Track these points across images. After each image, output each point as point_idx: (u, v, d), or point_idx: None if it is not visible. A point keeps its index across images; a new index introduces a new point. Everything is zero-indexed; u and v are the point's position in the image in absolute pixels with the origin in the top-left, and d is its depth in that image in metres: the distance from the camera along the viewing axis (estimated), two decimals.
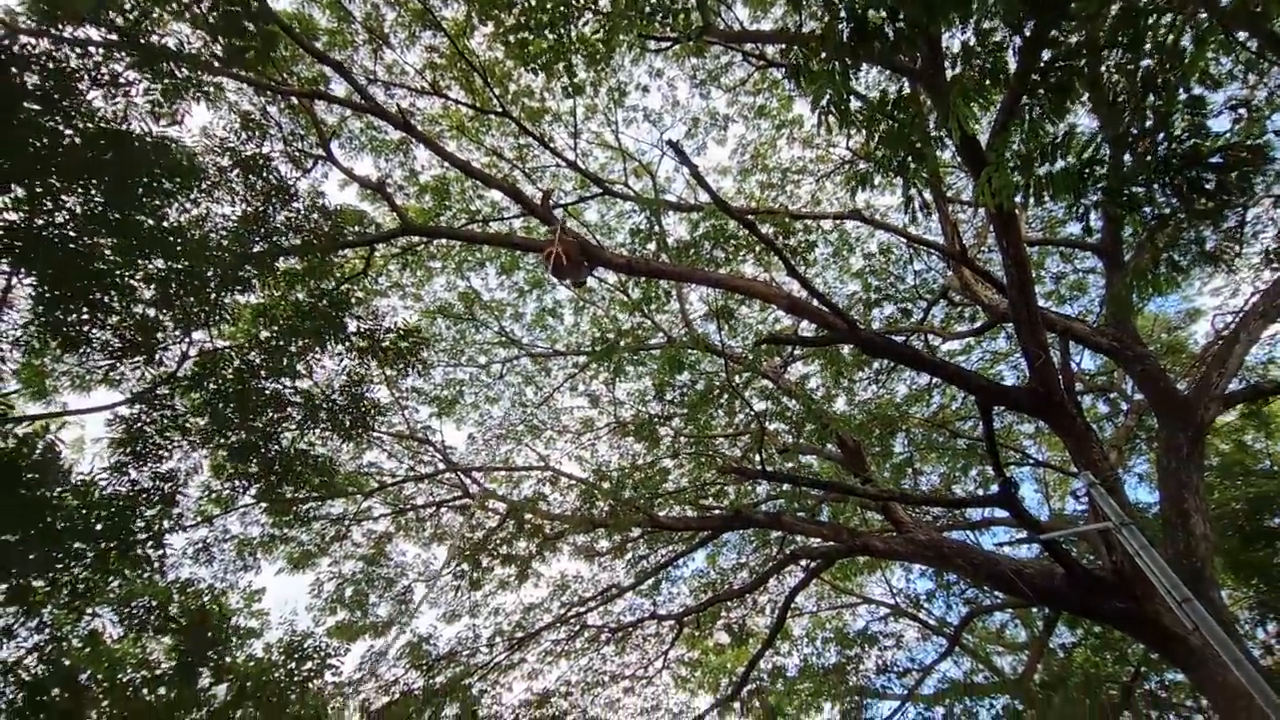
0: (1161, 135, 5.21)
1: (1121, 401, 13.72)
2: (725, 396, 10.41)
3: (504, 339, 12.19)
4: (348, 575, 11.51)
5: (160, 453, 7.39)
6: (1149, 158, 5.31)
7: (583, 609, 12.06)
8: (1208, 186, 5.46)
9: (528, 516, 11.31)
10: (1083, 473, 6.97)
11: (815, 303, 7.86)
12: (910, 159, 5.26)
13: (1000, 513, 11.66)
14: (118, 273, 6.22)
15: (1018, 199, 5.35)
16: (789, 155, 12.06)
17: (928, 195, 8.48)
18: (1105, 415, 13.73)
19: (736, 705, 14.11)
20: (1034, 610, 15.70)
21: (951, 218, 9.69)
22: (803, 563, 11.39)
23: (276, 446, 7.55)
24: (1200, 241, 6.47)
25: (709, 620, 12.97)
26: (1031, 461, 14.24)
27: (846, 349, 10.80)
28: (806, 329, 10.47)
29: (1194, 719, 16.63)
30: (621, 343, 10.35)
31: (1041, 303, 10.33)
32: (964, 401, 13.02)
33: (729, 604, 12.62)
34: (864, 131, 5.52)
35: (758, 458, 9.72)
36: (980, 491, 12.73)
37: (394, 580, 11.88)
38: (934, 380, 12.55)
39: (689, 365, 10.31)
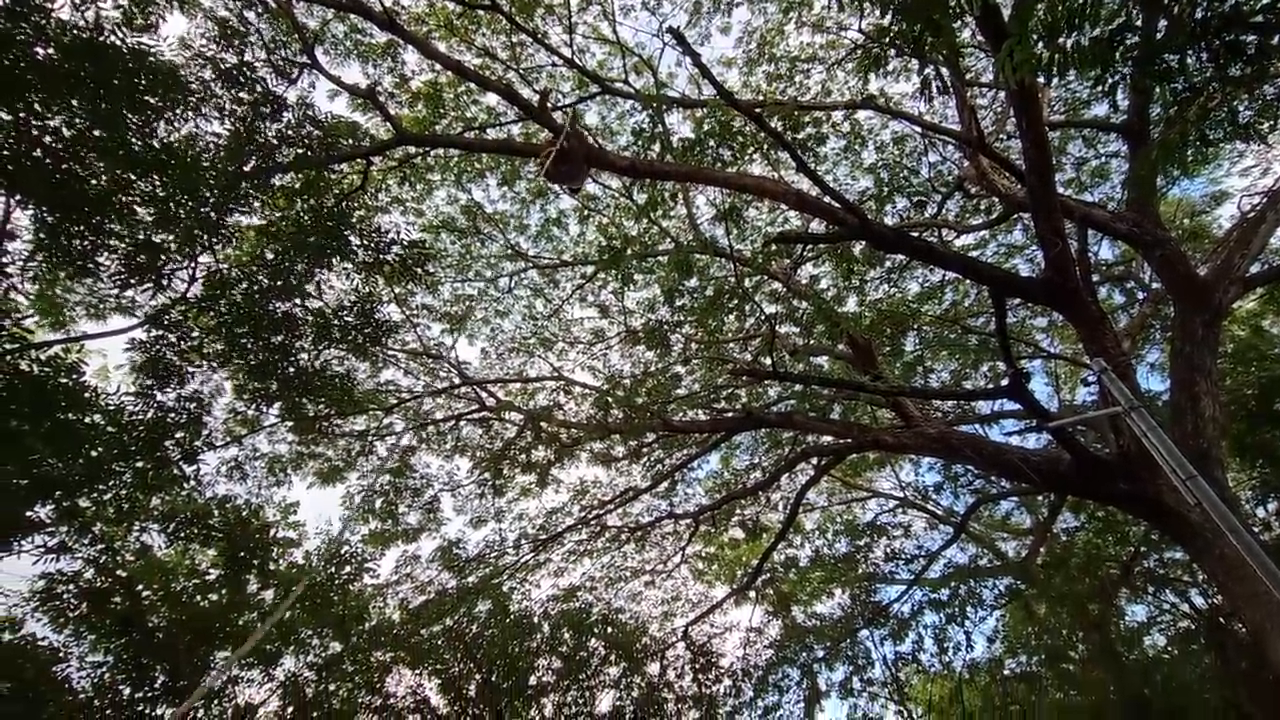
0: None
1: (1138, 290, 13.52)
2: (735, 300, 10.35)
3: (510, 252, 12.06)
4: (376, 488, 12.00)
5: (182, 376, 7.56)
6: (1184, 20, 4.94)
7: (602, 511, 12.59)
8: (1248, 51, 5.11)
9: (544, 425, 11.59)
10: (1094, 359, 6.96)
11: (825, 198, 7.64)
12: (927, 34, 4.94)
13: (1009, 405, 11.80)
14: (114, 195, 6.14)
15: (1040, 74, 5.05)
16: (797, 42, 11.38)
17: (946, 75, 8.02)
18: (1121, 305, 13.57)
19: (751, 594, 14.95)
20: (1039, 498, 16.19)
21: (969, 102, 9.21)
22: (814, 460, 11.72)
23: (294, 365, 7.68)
24: (1234, 114, 6.13)
25: (724, 518, 13.52)
26: (1044, 354, 14.23)
27: (858, 247, 10.60)
28: (817, 227, 10.25)
29: (1189, 592, 17.45)
30: (628, 250, 10.21)
31: (1061, 190, 9.99)
32: (977, 297, 12.89)
33: (743, 502, 13.11)
34: (877, 8, 5.16)
35: (768, 360, 9.79)
36: (990, 386, 12.82)
37: (420, 491, 12.38)
38: (947, 276, 12.38)
39: (697, 270, 10.20)
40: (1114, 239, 11.29)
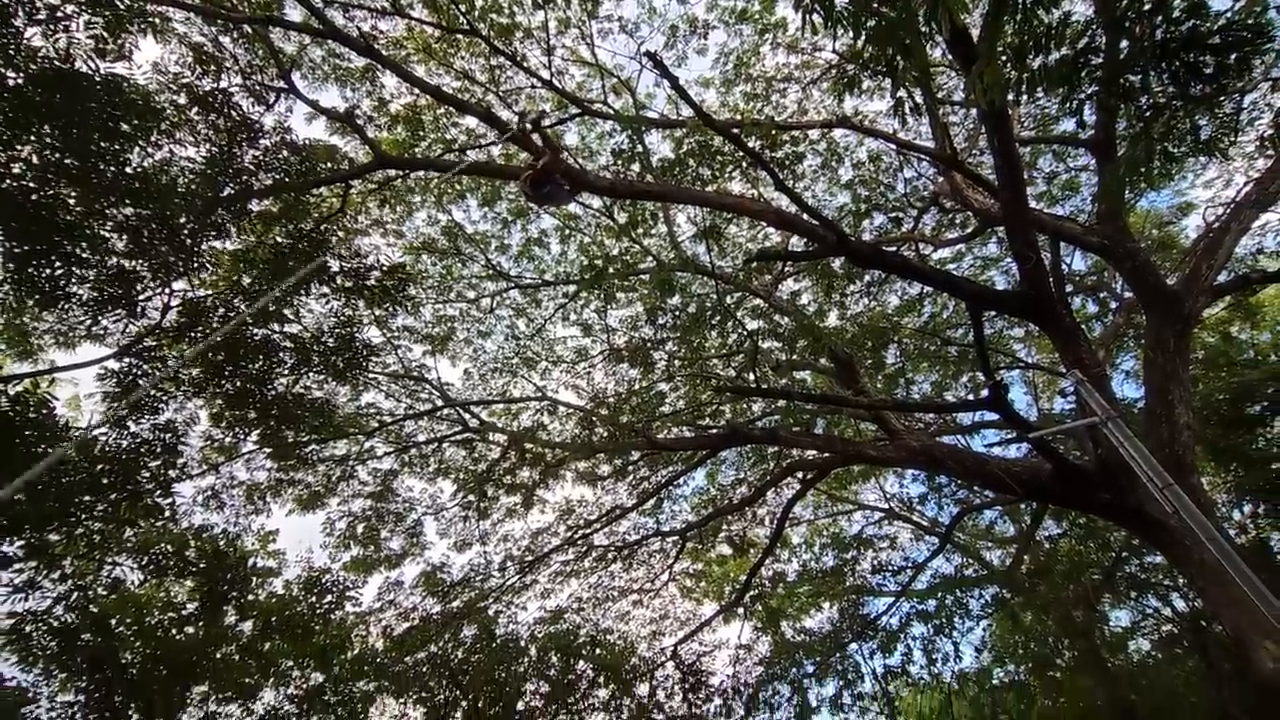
0: (1159, 18, 5.00)
1: (1111, 301, 13.80)
2: (717, 317, 10.41)
3: (491, 272, 12.02)
4: (357, 513, 11.81)
5: (156, 405, 7.41)
6: (1146, 42, 5.11)
7: (589, 530, 12.49)
8: (1206, 71, 5.29)
9: (528, 446, 11.51)
10: (1070, 371, 7.07)
11: (804, 216, 7.73)
12: (899, 56, 5.05)
13: (990, 416, 11.94)
14: (86, 223, 6.04)
15: (1010, 94, 5.17)
16: (773, 63, 11.56)
17: (918, 96, 8.19)
18: (1094, 315, 13.84)
19: (740, 610, 14.88)
20: (1022, 507, 16.35)
21: (942, 120, 9.41)
22: (799, 474, 11.74)
23: (272, 390, 7.57)
24: (1195, 130, 6.32)
25: (711, 534, 13.48)
26: (1021, 365, 14.46)
27: (837, 262, 10.73)
28: (797, 244, 10.36)
29: (1171, 596, 17.67)
30: (610, 269, 10.24)
31: (1033, 203, 10.20)
32: (955, 309, 13.08)
33: (729, 518, 13.08)
34: (850, 30, 5.27)
35: (752, 376, 9.83)
36: (971, 396, 12.98)
37: (403, 515, 12.21)
38: (925, 290, 12.56)
39: (679, 288, 10.25)
40: (1086, 251, 11.54)
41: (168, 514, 8.00)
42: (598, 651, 14.25)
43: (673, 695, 14.30)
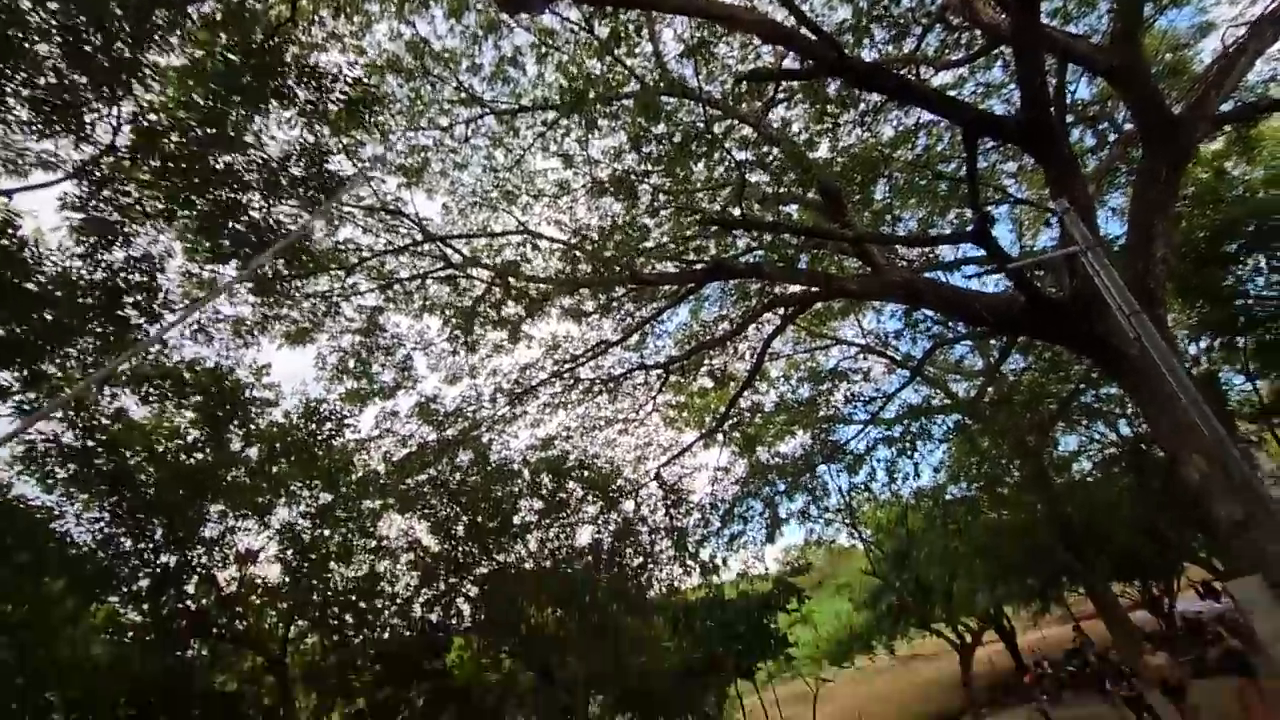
0: None
1: (1110, 133, 13.32)
2: (704, 147, 9.96)
3: (464, 96, 11.19)
4: (347, 348, 11.99)
5: (126, 235, 7.20)
6: None
7: (575, 365, 12.89)
8: None
9: (512, 281, 11.50)
10: (1058, 201, 7.01)
11: (802, 30, 7.14)
12: None
13: (972, 253, 12.00)
14: (9, 30, 5.45)
15: None
16: None
17: None
18: (1090, 148, 13.41)
19: (719, 437, 15.89)
20: (992, 342, 17.02)
21: None
22: (780, 310, 11.98)
23: (245, 218, 7.34)
24: None
25: (693, 368, 13.98)
26: (1010, 200, 14.26)
27: (832, 87, 10.10)
28: (791, 64, 9.69)
29: (1119, 424, 19.04)
30: (591, 93, 9.57)
31: (1046, 19, 9.45)
32: (950, 142, 12.58)
33: (711, 352, 13.51)
34: None
35: (737, 209, 9.65)
36: (955, 232, 12.92)
37: (392, 350, 12.42)
38: (920, 119, 12.00)
39: (665, 114, 9.68)
40: (1093, 75, 10.92)
41: (157, 346, 8.10)
42: (586, 474, 15.39)
43: (655, 511, 15.71)
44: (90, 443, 9.30)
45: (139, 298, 7.61)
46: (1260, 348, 15.11)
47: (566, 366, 12.87)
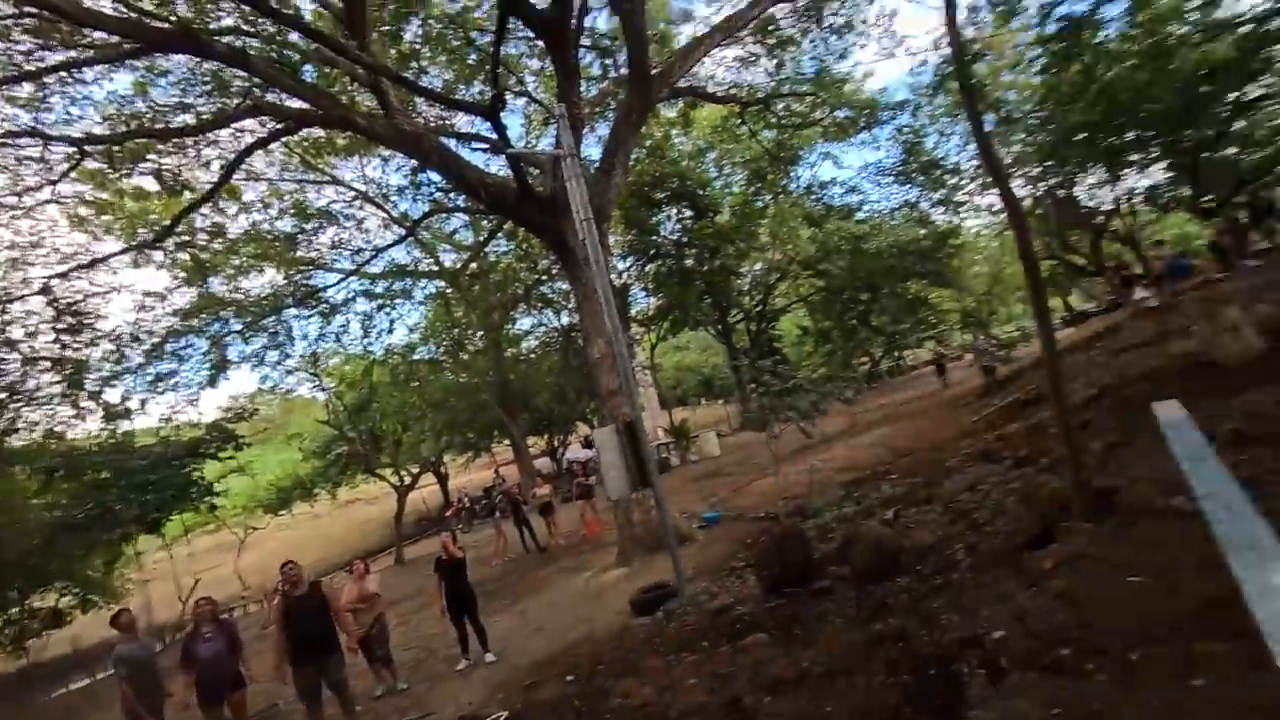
0: None
1: (612, 69, 15.50)
2: None
3: None
4: None
5: None
6: None
7: None
8: None
9: None
10: (559, 104, 7.80)
11: None
12: None
13: (484, 131, 12.43)
14: None
15: None
16: None
17: None
18: (596, 76, 15.35)
19: (159, 255, 12.79)
20: (484, 220, 18.36)
21: None
22: (268, 121, 10.12)
23: None
24: None
25: (129, 158, 10.61)
26: (527, 95, 15.24)
27: None
28: None
29: (563, 314, 23.40)
30: None
31: None
32: (487, 11, 12.48)
33: (160, 145, 10.49)
34: None
35: None
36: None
37: None
38: None
39: None
40: (613, 13, 12.40)
41: None
42: None
43: (38, 334, 11.73)
44: None
45: None
46: (656, 275, 20.73)
47: None
